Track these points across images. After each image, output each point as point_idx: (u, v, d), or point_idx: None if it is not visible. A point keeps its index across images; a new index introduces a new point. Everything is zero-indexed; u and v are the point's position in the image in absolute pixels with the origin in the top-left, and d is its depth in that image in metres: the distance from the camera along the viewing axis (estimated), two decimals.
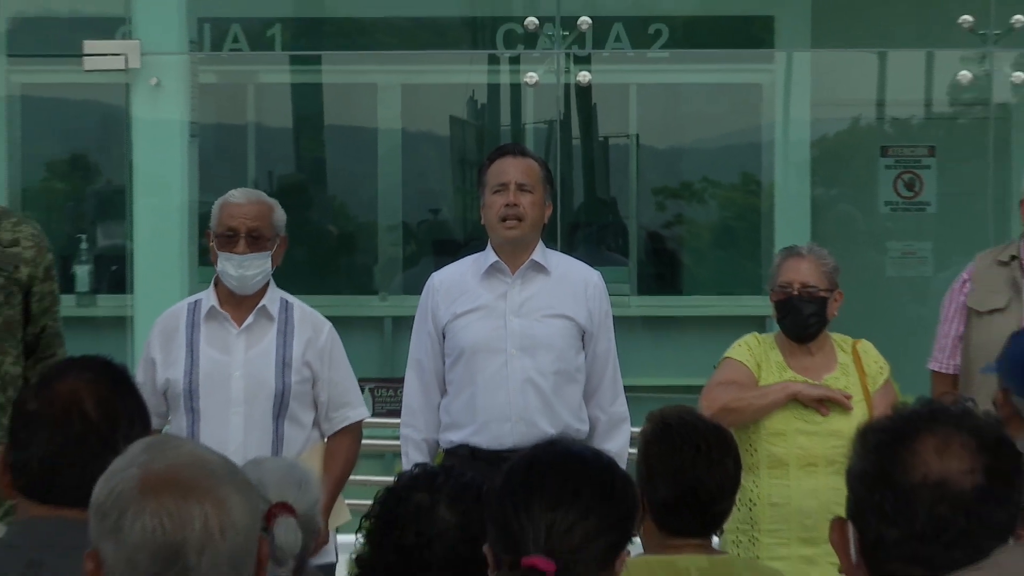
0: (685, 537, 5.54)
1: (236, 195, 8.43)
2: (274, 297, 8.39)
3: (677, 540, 5.53)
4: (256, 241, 8.20)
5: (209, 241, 8.36)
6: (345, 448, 8.44)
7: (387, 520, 5.01)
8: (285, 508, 5.29)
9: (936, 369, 8.68)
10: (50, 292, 8.49)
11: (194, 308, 8.41)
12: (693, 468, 5.58)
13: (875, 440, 3.52)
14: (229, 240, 8.17)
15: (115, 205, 13.80)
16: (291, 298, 8.50)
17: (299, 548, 5.32)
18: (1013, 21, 13.00)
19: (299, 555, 5.34)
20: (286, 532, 5.27)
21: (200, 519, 3.34)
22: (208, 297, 8.35)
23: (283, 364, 8.31)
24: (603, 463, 4.56)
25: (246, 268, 8.20)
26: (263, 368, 8.30)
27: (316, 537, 5.63)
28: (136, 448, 3.53)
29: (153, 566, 3.29)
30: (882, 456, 3.47)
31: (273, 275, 8.35)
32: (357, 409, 8.54)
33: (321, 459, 8.19)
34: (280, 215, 8.41)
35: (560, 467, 4.42)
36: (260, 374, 8.28)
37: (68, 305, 9.89)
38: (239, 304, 8.32)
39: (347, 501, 8.52)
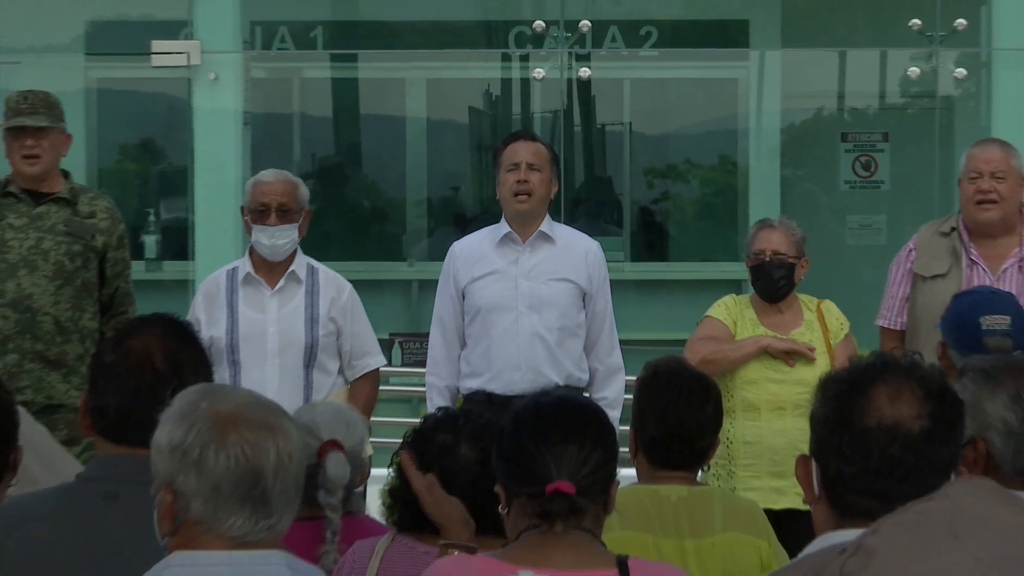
0: (671, 470, 5.56)
1: (266, 175, 8.50)
2: (301, 263, 8.43)
3: (664, 472, 5.55)
4: (285, 214, 8.24)
5: (244, 216, 8.41)
6: (366, 391, 8.50)
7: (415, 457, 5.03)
8: (335, 445, 5.36)
9: (885, 326, 8.66)
10: (122, 258, 8.52)
11: (232, 274, 8.45)
12: (677, 410, 5.60)
13: (835, 389, 3.56)
14: (261, 214, 8.22)
15: (178, 183, 13.79)
16: (316, 263, 8.55)
17: (347, 479, 5.38)
18: (956, 24, 12.97)
19: (347, 486, 5.40)
20: (336, 465, 5.34)
21: (273, 448, 3.46)
22: (244, 264, 8.40)
23: (311, 320, 8.36)
24: (596, 407, 4.67)
25: (277, 238, 8.24)
26: (294, 324, 8.34)
27: (361, 470, 5.65)
28: (192, 395, 3.62)
29: (237, 490, 3.40)
30: (841, 403, 3.51)
31: (301, 243, 8.41)
32: (376, 357, 8.61)
33: (345, 401, 8.15)
34: (304, 191, 8.47)
35: (566, 410, 4.46)
36: (292, 330, 8.33)
37: (138, 270, 9.90)
38: (271, 270, 8.36)
39: (379, 440, 8.54)
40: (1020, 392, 4.46)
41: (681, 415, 5.59)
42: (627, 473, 5.61)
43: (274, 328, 8.34)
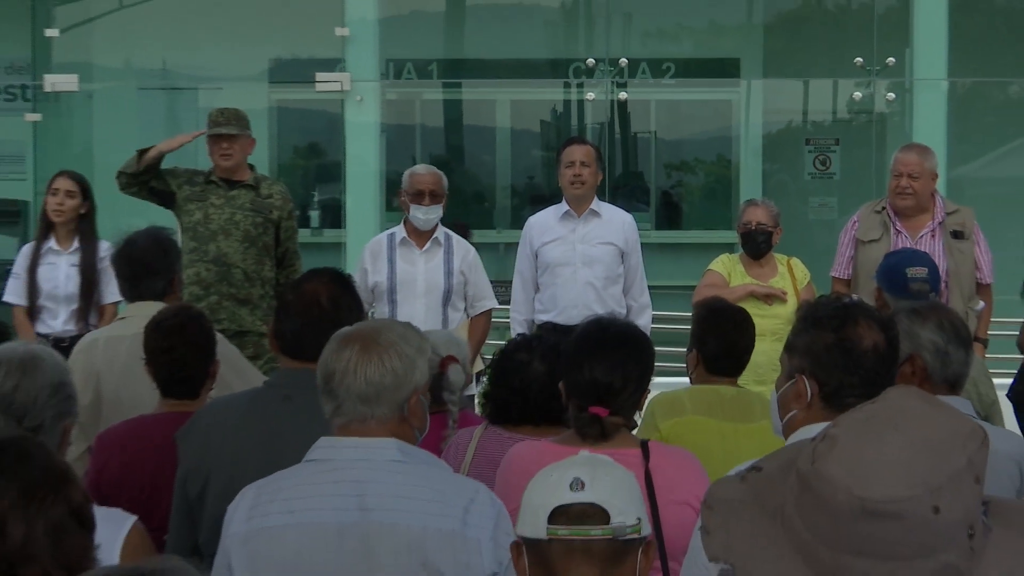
0: (723, 376, 5.58)
1: (420, 169, 8.61)
2: (441, 232, 8.46)
3: (716, 378, 5.56)
4: (434, 197, 8.30)
5: (401, 198, 8.45)
6: (482, 324, 8.54)
7: (500, 370, 5.00)
8: (452, 359, 5.36)
9: (836, 275, 8.64)
10: (291, 227, 8.54)
11: (391, 238, 8.48)
12: (730, 334, 5.66)
13: (828, 322, 3.53)
14: (418, 196, 8.26)
15: (333, 173, 13.80)
16: (450, 232, 8.59)
17: (462, 384, 5.42)
18: (887, 61, 12.87)
19: (460, 388, 5.43)
20: (455, 373, 5.37)
21: (388, 362, 3.52)
22: (400, 231, 8.44)
23: (448, 272, 8.41)
24: (638, 329, 4.64)
25: (428, 214, 8.29)
26: (436, 275, 8.38)
27: (466, 378, 5.65)
28: (342, 331, 3.69)
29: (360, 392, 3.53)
30: (838, 332, 3.49)
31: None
32: (490, 300, 8.62)
33: (467, 330, 8.30)
34: (445, 181, 8.50)
35: (613, 331, 4.43)
36: (434, 279, 8.37)
37: (304, 235, 9.86)
38: (420, 236, 8.39)
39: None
40: (942, 322, 4.52)
41: (734, 338, 5.63)
42: (681, 381, 5.86)
43: (422, 277, 8.39)
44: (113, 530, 3.57)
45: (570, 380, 4.28)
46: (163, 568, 1.96)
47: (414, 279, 8.37)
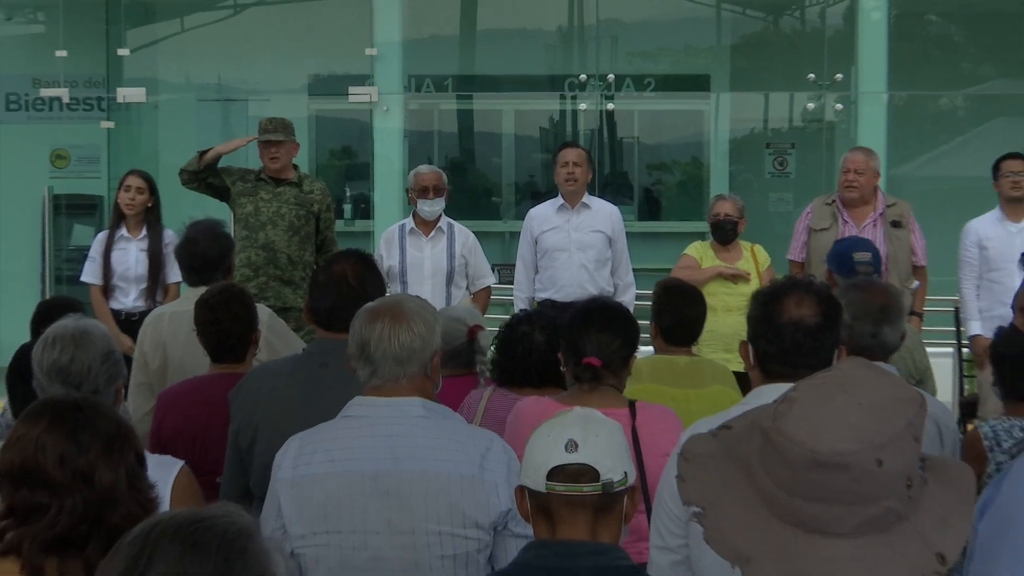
0: (678, 346, 5.54)
1: (423, 168, 8.58)
2: (444, 221, 8.46)
3: (673, 347, 5.53)
4: (437, 191, 8.28)
5: (409, 194, 8.48)
6: (483, 299, 8.48)
7: (506, 341, 4.99)
8: (479, 327, 5.39)
9: (792, 259, 8.65)
10: (329, 218, 8.55)
11: (402, 228, 8.49)
12: (682, 308, 5.61)
13: (761, 299, 3.50)
14: (423, 192, 8.27)
15: (363, 172, 13.79)
16: (452, 221, 8.56)
17: (489, 348, 5.39)
18: (835, 77, 12.84)
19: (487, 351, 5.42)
20: (483, 339, 5.37)
21: (412, 330, 3.55)
22: (409, 222, 8.46)
23: (451, 256, 8.39)
24: (624, 308, 4.67)
25: (432, 206, 8.31)
26: (440, 259, 8.36)
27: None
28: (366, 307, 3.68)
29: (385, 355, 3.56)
30: (765, 307, 3.45)
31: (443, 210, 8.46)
32: (489, 278, 8.63)
33: (470, 304, 8.24)
34: (445, 178, 8.48)
35: (603, 310, 4.48)
36: (439, 262, 8.35)
37: (339, 225, 9.85)
38: (426, 225, 8.39)
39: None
40: (857, 300, 4.48)
41: (685, 311, 5.59)
42: (645, 350, 5.68)
43: (428, 261, 8.37)
44: (165, 473, 3.60)
45: (568, 349, 4.34)
46: (219, 513, 1.94)
47: (421, 263, 8.35)
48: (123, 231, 8.69)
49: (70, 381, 3.89)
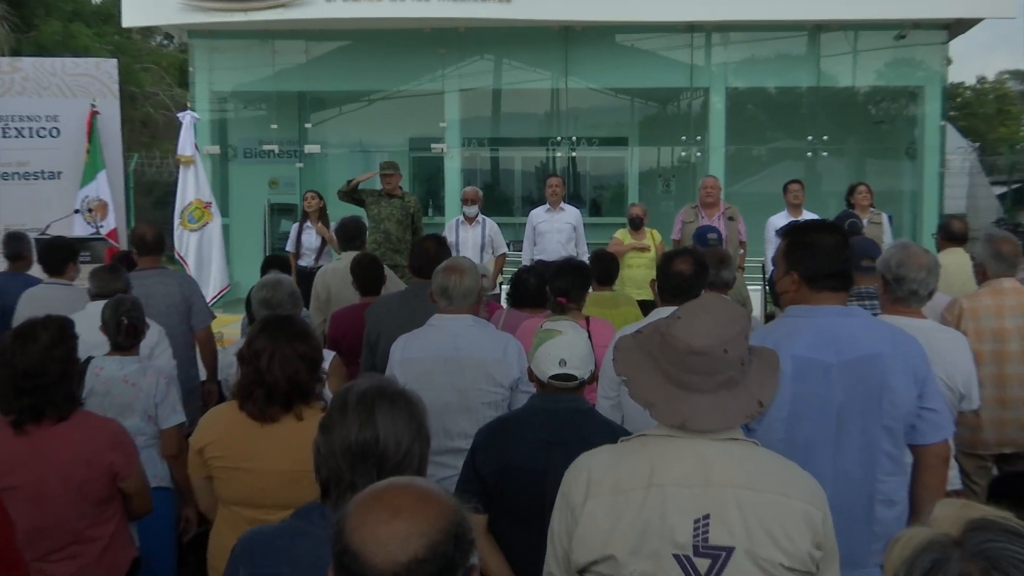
0: (604, 286, 5.20)
1: (467, 188, 8.41)
2: (479, 217, 8.30)
3: (602, 287, 5.21)
4: (473, 201, 8.23)
5: (462, 202, 8.29)
6: (500, 262, 8.29)
7: (516, 282, 4.87)
8: (483, 276, 5.10)
9: (673, 237, 8.45)
10: (419, 218, 8.32)
11: (457, 221, 8.34)
12: (607, 264, 5.25)
13: (662, 260, 3.39)
14: (466, 201, 8.20)
15: (438, 191, 13.59)
16: (484, 216, 8.37)
17: (489, 288, 5.25)
18: (697, 138, 12.65)
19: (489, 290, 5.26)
20: (485, 283, 5.07)
21: (461, 277, 3.42)
22: (460, 217, 8.31)
23: (483, 236, 8.21)
24: (583, 263, 4.56)
25: (470, 210, 8.21)
26: (477, 238, 8.18)
27: (491, 285, 5.57)
28: (441, 267, 3.53)
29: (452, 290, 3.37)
30: (664, 265, 3.35)
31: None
32: (503, 248, 8.38)
33: (493, 264, 8.10)
34: (480, 193, 8.34)
35: (570, 266, 4.37)
36: (476, 239, 8.17)
37: (425, 220, 9.69)
38: (469, 219, 8.25)
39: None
40: (724, 258, 4.24)
41: (604, 267, 5.29)
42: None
43: (471, 240, 8.19)
44: (327, 358, 3.62)
45: (552, 287, 4.30)
46: (389, 382, 1.90)
47: (467, 240, 8.17)
48: (307, 223, 8.66)
49: (271, 307, 3.95)
